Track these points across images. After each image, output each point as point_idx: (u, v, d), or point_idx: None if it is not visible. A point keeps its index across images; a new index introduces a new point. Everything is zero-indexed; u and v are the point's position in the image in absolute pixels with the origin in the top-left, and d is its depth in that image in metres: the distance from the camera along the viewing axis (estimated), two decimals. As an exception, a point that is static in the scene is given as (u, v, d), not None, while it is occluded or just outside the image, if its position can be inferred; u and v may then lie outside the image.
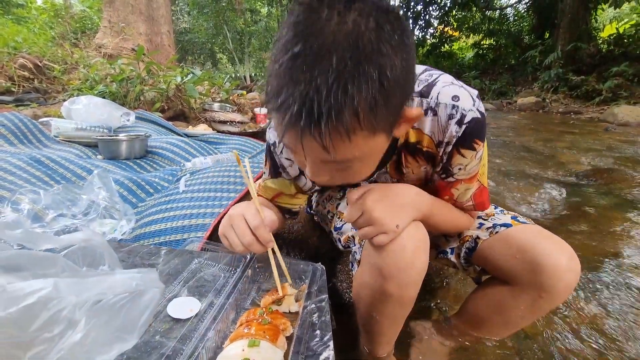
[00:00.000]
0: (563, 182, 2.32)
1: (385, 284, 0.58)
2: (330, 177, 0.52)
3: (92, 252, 0.42)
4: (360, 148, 0.45)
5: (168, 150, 1.82)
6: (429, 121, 0.59)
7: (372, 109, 0.40)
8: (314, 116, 0.38)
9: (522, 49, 9.90)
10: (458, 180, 0.65)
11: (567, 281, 0.62)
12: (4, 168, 1.21)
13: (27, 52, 2.67)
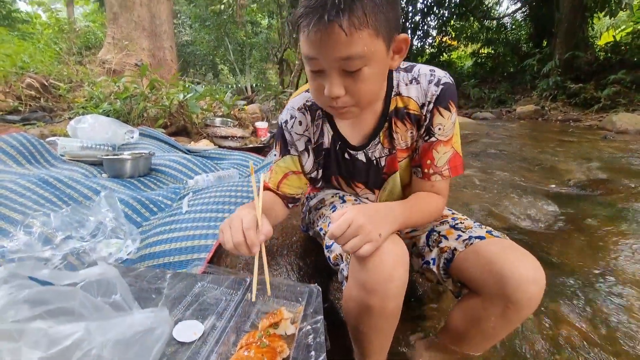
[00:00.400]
0: (559, 193, 2.35)
1: (368, 297, 0.63)
2: (345, 89, 0.63)
3: (106, 283, 0.46)
4: (367, 44, 0.58)
5: (171, 168, 1.87)
6: (414, 89, 0.76)
7: (375, 13, 0.57)
8: (335, 9, 0.54)
9: (520, 58, 10.01)
10: (438, 141, 0.77)
11: (531, 293, 0.65)
12: (15, 190, 1.26)
13: (34, 71, 2.75)
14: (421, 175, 0.81)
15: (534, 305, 0.67)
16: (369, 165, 0.85)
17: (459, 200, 2.13)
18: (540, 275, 0.66)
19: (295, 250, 1.03)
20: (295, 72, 10.01)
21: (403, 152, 0.82)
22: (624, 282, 1.32)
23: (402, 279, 0.63)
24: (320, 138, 0.84)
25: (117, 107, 2.50)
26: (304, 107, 0.83)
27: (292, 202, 0.90)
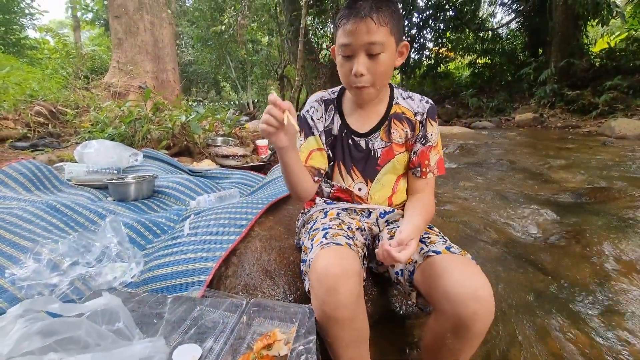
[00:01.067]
0: (556, 202, 2.37)
1: (322, 307, 0.71)
2: (367, 68, 0.85)
3: (109, 312, 0.50)
4: (386, 37, 0.83)
5: (174, 189, 1.93)
6: (410, 102, 1.02)
7: (392, 20, 0.83)
8: (369, 9, 0.81)
9: (516, 67, 10.12)
10: (432, 146, 1.01)
11: (472, 309, 0.70)
12: (24, 217, 1.31)
13: (43, 98, 2.86)
14: (420, 174, 1.01)
15: (481, 321, 0.71)
16: (367, 154, 1.02)
17: (453, 211, 2.16)
18: (483, 293, 0.71)
19: (292, 270, 1.07)
20: (295, 88, 10.19)
21: (399, 147, 1.02)
22: (617, 292, 1.34)
23: (348, 289, 0.70)
24: (330, 124, 1.05)
25: (122, 130, 2.59)
26: (320, 100, 1.06)
27: (318, 176, 1.01)
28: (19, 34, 10.50)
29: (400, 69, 12.32)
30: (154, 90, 4.75)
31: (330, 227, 0.90)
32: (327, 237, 0.83)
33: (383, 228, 1.02)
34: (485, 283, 0.73)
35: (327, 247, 0.78)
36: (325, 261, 0.73)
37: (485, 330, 0.74)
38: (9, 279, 0.99)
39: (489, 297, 0.71)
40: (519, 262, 1.61)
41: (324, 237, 0.83)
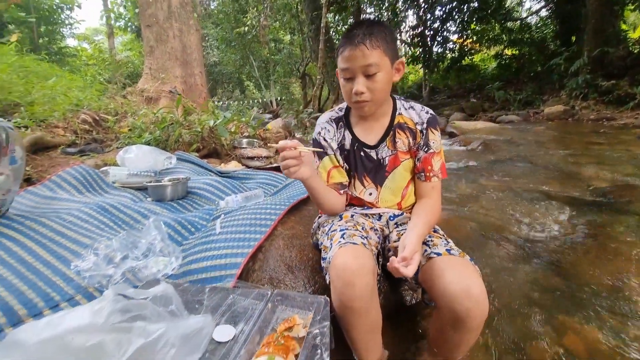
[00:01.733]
0: (579, 201, 2.34)
1: (340, 297, 0.81)
2: (366, 87, 0.96)
3: (165, 297, 0.64)
4: (380, 58, 0.94)
5: (205, 190, 2.11)
6: (411, 112, 1.11)
7: (384, 43, 0.94)
8: (363, 36, 0.92)
9: (546, 57, 9.68)
10: (434, 152, 1.09)
11: (466, 307, 0.78)
12: (80, 217, 1.52)
13: (87, 107, 3.15)
14: (424, 179, 1.10)
15: (475, 317, 0.80)
16: (377, 163, 1.12)
17: (471, 210, 2.19)
18: (477, 291, 0.79)
19: (311, 266, 1.19)
20: (317, 85, 10.30)
21: (404, 154, 1.11)
22: (634, 294, 1.35)
23: (363, 283, 0.81)
24: (343, 140, 1.15)
25: (157, 135, 2.81)
26: (330, 120, 1.16)
27: (342, 189, 1.13)
28: (60, 43, 11.28)
29: (423, 63, 12.11)
30: (183, 95, 5.03)
31: (347, 229, 1.00)
32: (344, 237, 0.95)
33: (392, 230, 1.12)
34: (478, 283, 0.81)
35: (344, 246, 0.89)
36: (343, 259, 0.84)
37: (479, 325, 0.82)
38: (74, 270, 1.17)
39: (481, 296, 0.79)
40: (535, 260, 1.65)
41: (342, 237, 0.95)
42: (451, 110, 9.20)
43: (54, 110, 2.83)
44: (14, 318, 0.94)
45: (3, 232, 1.21)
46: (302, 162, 0.90)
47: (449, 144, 5.38)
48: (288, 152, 0.87)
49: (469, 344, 0.88)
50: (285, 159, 0.88)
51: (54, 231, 1.31)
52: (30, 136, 2.30)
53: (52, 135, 2.60)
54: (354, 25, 0.98)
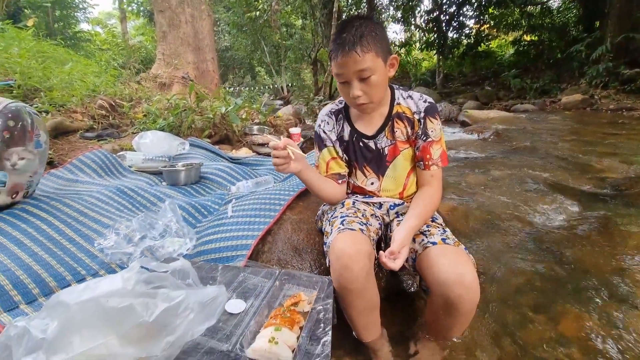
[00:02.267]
0: (589, 193, 2.32)
1: (339, 279, 0.88)
2: (362, 91, 0.97)
3: (183, 271, 0.71)
4: (372, 61, 0.93)
5: (217, 176, 2.18)
6: (409, 101, 1.12)
7: (374, 44, 0.93)
8: (353, 42, 0.91)
9: (567, 43, 9.31)
10: (433, 140, 1.09)
11: (456, 293, 0.83)
12: (101, 199, 1.61)
13: (104, 93, 3.24)
14: (423, 167, 1.12)
15: (466, 303, 0.85)
16: (377, 153, 1.14)
17: (480, 200, 2.21)
18: (468, 279, 0.84)
19: (317, 249, 1.25)
20: (328, 71, 10.20)
21: (403, 144, 1.13)
22: (637, 286, 1.36)
23: (359, 266, 0.87)
24: (342, 132, 1.18)
25: (170, 121, 2.88)
26: (330, 113, 1.20)
27: (341, 179, 1.18)
28: (75, 28, 11.40)
29: (437, 49, 11.82)
30: (195, 81, 5.08)
31: (347, 216, 1.06)
32: (343, 223, 1.00)
33: (393, 218, 1.17)
34: (471, 270, 0.86)
35: (343, 232, 0.95)
36: (341, 244, 0.91)
37: (470, 310, 0.87)
38: (97, 248, 1.26)
39: (473, 283, 0.84)
40: (540, 250, 1.67)
41: (341, 224, 1.00)
42: (465, 99, 9.02)
43: (72, 96, 2.93)
44: (46, 289, 1.04)
45: (32, 211, 1.31)
46: (291, 159, 0.99)
47: (459, 132, 5.33)
48: (278, 152, 0.97)
49: (461, 328, 0.94)
50: (275, 157, 0.98)
51: (78, 211, 1.40)
52: (51, 121, 2.40)
53: (71, 120, 2.70)
54: (341, 26, 0.97)
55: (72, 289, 0.51)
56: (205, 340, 0.69)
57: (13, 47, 3.27)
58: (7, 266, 1.02)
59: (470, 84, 11.30)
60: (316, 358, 0.66)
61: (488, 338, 1.11)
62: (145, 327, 0.48)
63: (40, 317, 0.49)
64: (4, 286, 0.97)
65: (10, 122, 1.25)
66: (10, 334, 0.47)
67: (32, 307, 0.98)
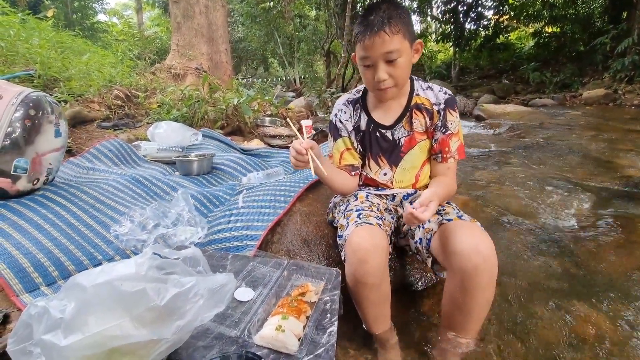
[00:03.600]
0: (607, 191, 2.26)
1: (354, 274, 0.88)
2: (387, 73, 0.96)
3: (194, 259, 0.73)
4: (400, 43, 0.93)
5: (229, 167, 2.21)
6: (429, 92, 1.11)
7: (402, 26, 0.93)
8: (382, 22, 0.91)
9: (591, 35, 8.95)
10: (452, 133, 1.10)
11: (474, 262, 0.82)
12: (117, 187, 1.65)
13: (120, 84, 3.29)
14: (441, 160, 1.12)
15: (483, 273, 0.83)
16: (393, 144, 1.14)
17: (491, 196, 2.18)
18: (484, 247, 0.83)
19: (326, 242, 1.26)
20: (341, 63, 10.10)
21: (420, 135, 1.12)
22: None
23: (376, 260, 0.87)
24: (358, 122, 1.17)
25: (184, 112, 2.92)
26: (347, 102, 1.19)
27: (354, 170, 1.18)
28: (92, 19, 11.59)
29: (453, 41, 11.54)
30: (208, 72, 5.11)
31: (363, 209, 1.05)
32: (360, 217, 1.00)
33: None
34: (486, 240, 0.86)
35: (361, 226, 0.95)
36: (358, 238, 0.90)
37: (488, 283, 0.84)
38: (113, 234, 1.31)
39: (489, 252, 0.83)
40: (553, 248, 1.64)
41: (358, 217, 1.00)
42: (481, 92, 8.82)
43: (89, 86, 2.99)
44: (65, 272, 1.08)
45: (52, 198, 1.35)
46: (307, 161, 0.98)
47: (474, 127, 5.22)
48: (299, 157, 0.97)
49: (484, 305, 0.88)
50: (295, 158, 0.99)
51: (95, 199, 1.45)
52: (70, 110, 2.46)
53: (89, 110, 2.76)
54: (369, 9, 0.97)
55: (88, 272, 0.53)
56: (215, 326, 0.72)
57: (33, 37, 3.35)
58: (29, 249, 1.07)
59: (487, 78, 11.02)
60: (322, 347, 0.67)
61: (499, 337, 1.10)
62: (156, 311, 0.50)
63: (59, 298, 0.51)
64: (26, 268, 1.02)
65: (32, 111, 1.30)
66: (31, 312, 0.50)
67: (51, 289, 1.02)
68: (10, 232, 1.11)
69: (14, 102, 1.27)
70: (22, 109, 1.28)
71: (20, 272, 1.01)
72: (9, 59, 2.75)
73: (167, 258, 0.67)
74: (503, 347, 1.06)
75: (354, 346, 1.02)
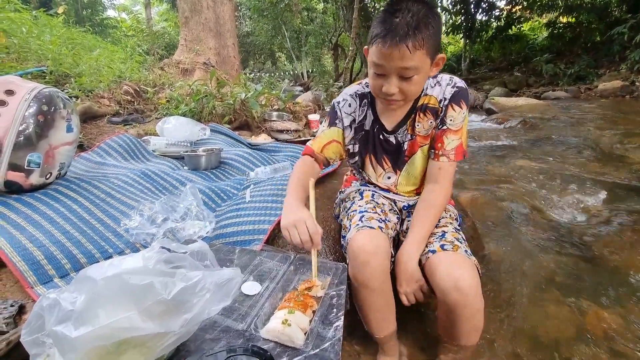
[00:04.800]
0: (621, 186, 2.20)
1: (356, 276, 0.89)
2: (399, 88, 0.88)
3: (201, 253, 0.73)
4: (421, 60, 0.83)
5: (236, 161, 2.22)
6: (436, 89, 1.01)
7: (428, 40, 0.81)
8: (406, 33, 0.79)
9: (608, 25, 8.67)
10: (449, 129, 1.00)
11: (454, 298, 0.82)
12: (127, 182, 1.67)
13: (129, 79, 3.32)
14: (433, 156, 1.03)
15: (464, 308, 0.83)
16: (397, 148, 1.08)
17: (501, 192, 2.14)
18: (464, 284, 0.82)
19: (332, 236, 1.26)
20: (349, 57, 10.01)
21: (423, 139, 1.05)
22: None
23: (377, 264, 0.87)
24: (363, 120, 1.10)
25: (192, 107, 2.94)
26: (355, 94, 1.11)
27: (326, 164, 1.16)
28: (102, 15, 11.69)
29: (464, 33, 11.31)
30: (216, 66, 5.12)
31: (367, 211, 1.04)
32: (362, 220, 0.99)
33: (405, 217, 1.15)
34: (466, 274, 0.83)
35: (362, 229, 0.95)
36: (360, 241, 0.91)
37: (472, 315, 0.84)
38: (123, 228, 1.33)
39: (468, 288, 0.81)
40: (564, 244, 1.62)
41: (360, 220, 0.99)
42: (492, 85, 8.65)
43: (99, 81, 3.02)
44: (77, 265, 1.10)
45: (64, 192, 1.38)
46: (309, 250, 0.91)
47: (485, 120, 5.13)
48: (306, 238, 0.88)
49: (472, 332, 0.89)
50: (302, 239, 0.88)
51: (105, 193, 1.47)
52: (81, 106, 2.50)
53: (99, 105, 2.80)
54: (394, 5, 0.83)
55: (98, 265, 0.54)
56: (222, 319, 0.73)
57: (45, 34, 3.40)
58: (42, 242, 1.10)
59: (498, 70, 10.79)
60: (328, 341, 0.67)
61: (507, 333, 1.09)
62: (164, 304, 0.51)
63: (70, 290, 0.52)
64: (40, 261, 1.05)
65: (44, 107, 1.32)
66: (43, 304, 0.51)
67: (64, 281, 1.05)
68: (24, 225, 1.14)
69: (27, 98, 1.29)
70: (35, 104, 1.30)
71: (35, 264, 1.03)
72: (21, 55, 2.80)
73: (174, 252, 0.67)
74: (513, 343, 1.05)
75: (360, 341, 1.02)
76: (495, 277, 1.37)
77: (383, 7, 0.87)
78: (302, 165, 1.12)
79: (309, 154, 1.14)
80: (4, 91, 1.27)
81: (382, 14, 0.84)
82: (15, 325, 0.83)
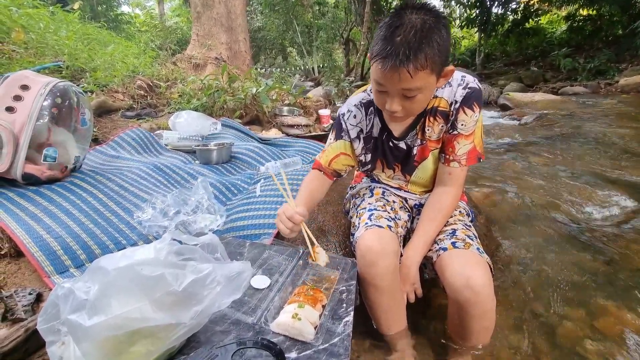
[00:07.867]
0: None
1: (364, 275, 0.88)
2: (402, 106, 0.83)
3: (212, 245, 0.74)
4: (424, 80, 0.77)
5: (247, 156, 2.23)
6: (447, 90, 0.94)
7: (433, 57, 0.75)
8: (406, 56, 0.73)
9: (631, 18, 8.34)
10: (460, 134, 0.95)
11: (465, 296, 0.81)
12: (140, 175, 1.70)
13: (142, 74, 3.36)
14: (443, 161, 1.00)
15: (475, 306, 0.82)
16: (406, 153, 1.05)
17: (516, 189, 2.10)
18: (476, 281, 0.80)
19: (342, 231, 1.25)
20: (361, 52, 9.91)
21: (434, 143, 1.00)
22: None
23: (385, 264, 0.87)
24: (371, 129, 1.06)
25: (204, 101, 2.96)
26: (360, 104, 1.06)
27: (336, 176, 1.15)
28: (116, 10, 11.85)
29: (479, 27, 11.05)
30: (227, 61, 5.14)
31: (376, 209, 1.03)
32: (371, 219, 0.99)
33: (415, 216, 1.13)
34: (479, 274, 0.82)
35: (370, 228, 0.94)
36: (368, 241, 0.90)
37: (483, 313, 0.83)
38: (136, 221, 1.35)
39: (480, 286, 0.80)
40: (582, 244, 1.57)
41: (369, 219, 0.99)
42: (507, 80, 8.44)
43: (113, 76, 3.07)
44: (92, 255, 1.13)
45: (79, 184, 1.41)
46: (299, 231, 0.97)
47: (499, 116, 5.02)
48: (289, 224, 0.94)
49: (482, 332, 0.89)
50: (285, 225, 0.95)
51: (119, 186, 1.50)
52: (95, 100, 2.54)
53: (113, 100, 2.84)
54: (396, 20, 0.76)
55: (111, 255, 0.55)
56: (232, 312, 0.73)
57: (62, 29, 3.46)
58: (59, 233, 1.12)
59: (514, 65, 10.52)
60: (338, 336, 0.67)
61: (520, 332, 1.07)
62: (175, 296, 0.51)
63: (84, 280, 0.53)
64: (56, 251, 1.07)
65: (58, 100, 1.34)
66: (58, 293, 0.52)
67: (80, 271, 1.07)
68: (41, 216, 1.17)
69: (42, 93, 1.31)
70: (50, 98, 1.32)
71: (51, 254, 1.06)
72: (39, 50, 2.85)
73: (185, 244, 0.68)
74: (527, 344, 1.03)
75: (370, 337, 1.02)
76: (508, 275, 1.35)
77: (388, 17, 0.80)
78: (311, 180, 1.14)
79: (318, 167, 1.14)
80: (19, 86, 1.30)
81: (384, 28, 0.78)
82: (33, 312, 0.85)
